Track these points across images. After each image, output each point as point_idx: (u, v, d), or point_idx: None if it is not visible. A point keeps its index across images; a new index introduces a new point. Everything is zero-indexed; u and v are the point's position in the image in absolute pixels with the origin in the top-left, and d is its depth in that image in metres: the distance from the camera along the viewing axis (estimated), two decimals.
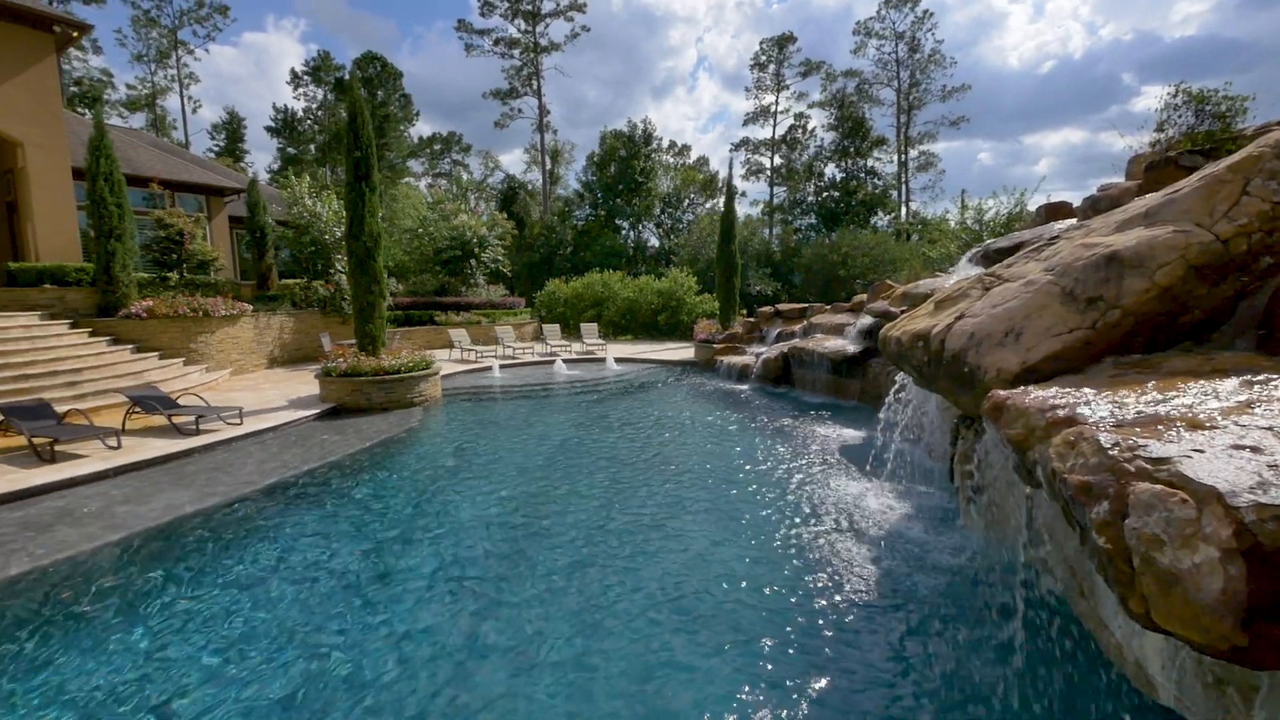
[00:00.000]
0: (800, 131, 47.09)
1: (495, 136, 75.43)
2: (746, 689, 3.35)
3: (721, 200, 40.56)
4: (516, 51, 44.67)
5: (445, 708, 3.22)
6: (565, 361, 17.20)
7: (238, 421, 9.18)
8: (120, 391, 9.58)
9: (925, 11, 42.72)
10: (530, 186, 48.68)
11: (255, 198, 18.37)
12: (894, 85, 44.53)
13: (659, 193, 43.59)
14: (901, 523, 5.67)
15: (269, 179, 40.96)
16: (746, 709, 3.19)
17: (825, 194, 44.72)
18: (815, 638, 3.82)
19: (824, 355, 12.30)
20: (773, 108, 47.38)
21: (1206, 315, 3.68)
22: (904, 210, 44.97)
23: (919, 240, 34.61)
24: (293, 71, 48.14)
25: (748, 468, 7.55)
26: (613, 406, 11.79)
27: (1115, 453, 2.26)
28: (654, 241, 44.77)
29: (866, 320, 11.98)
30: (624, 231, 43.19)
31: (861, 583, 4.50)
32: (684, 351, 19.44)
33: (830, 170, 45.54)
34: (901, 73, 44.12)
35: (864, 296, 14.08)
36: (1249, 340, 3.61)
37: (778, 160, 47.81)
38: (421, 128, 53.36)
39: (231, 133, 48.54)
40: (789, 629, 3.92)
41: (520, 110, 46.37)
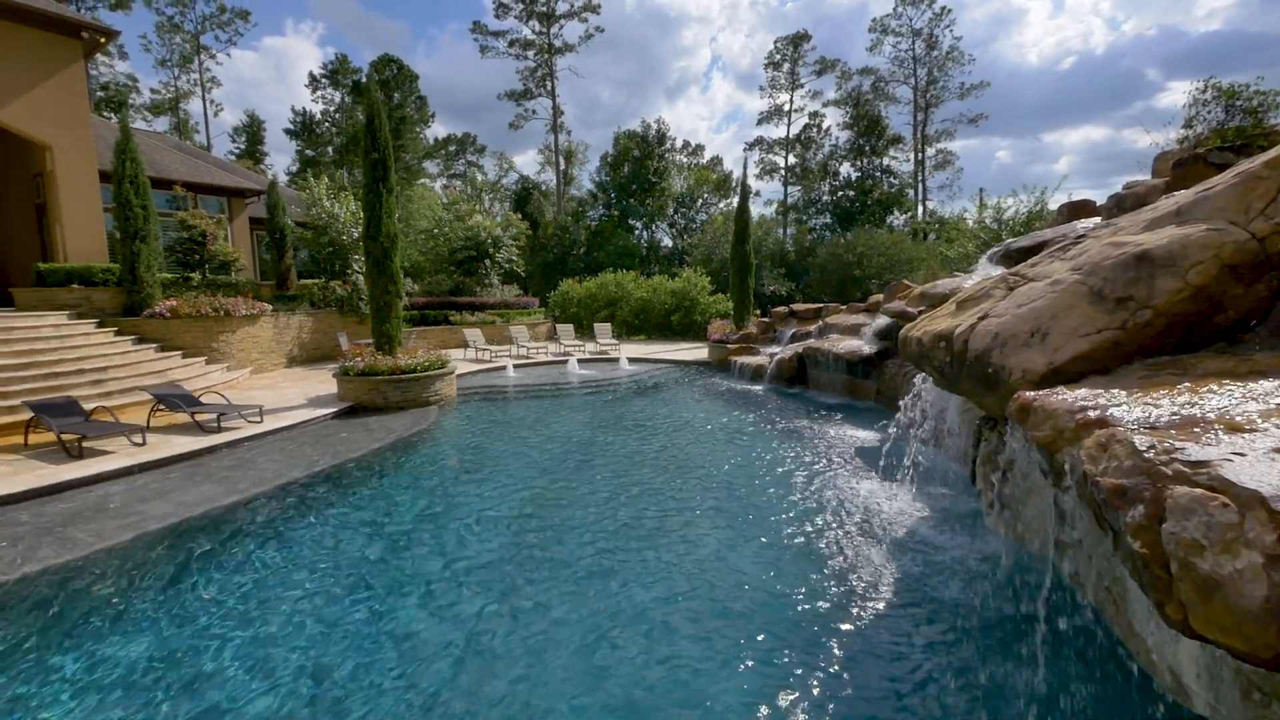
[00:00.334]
0: (815, 130, 46.77)
1: (509, 137, 75.98)
2: (759, 692, 3.31)
3: (735, 200, 40.56)
4: (531, 53, 44.89)
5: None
6: (579, 361, 17.24)
7: (258, 419, 9.32)
8: (145, 389, 9.77)
9: (943, 8, 42.20)
10: (544, 187, 48.90)
11: (275, 199, 18.66)
12: (910, 83, 44.04)
13: (672, 193, 43.57)
14: (920, 525, 5.59)
15: (288, 181, 41.61)
16: (758, 712, 3.16)
17: (840, 193, 44.36)
18: (832, 642, 3.76)
19: (839, 356, 12.19)
20: (787, 107, 47.13)
21: (1241, 315, 3.58)
22: (920, 209, 44.46)
23: (936, 240, 34.21)
24: (311, 75, 48.87)
25: (763, 469, 7.51)
26: (627, 406, 11.79)
27: (1151, 455, 2.21)
28: (667, 241, 44.75)
29: (883, 320, 11.85)
30: (637, 232, 43.22)
31: (880, 586, 4.45)
32: (698, 352, 19.39)
33: (845, 169, 45.19)
34: (918, 70, 43.63)
35: (880, 297, 13.93)
36: None
37: (792, 159, 47.55)
38: (436, 129, 53.98)
39: (251, 135, 49.36)
40: (805, 632, 3.87)
41: (534, 111, 46.62)
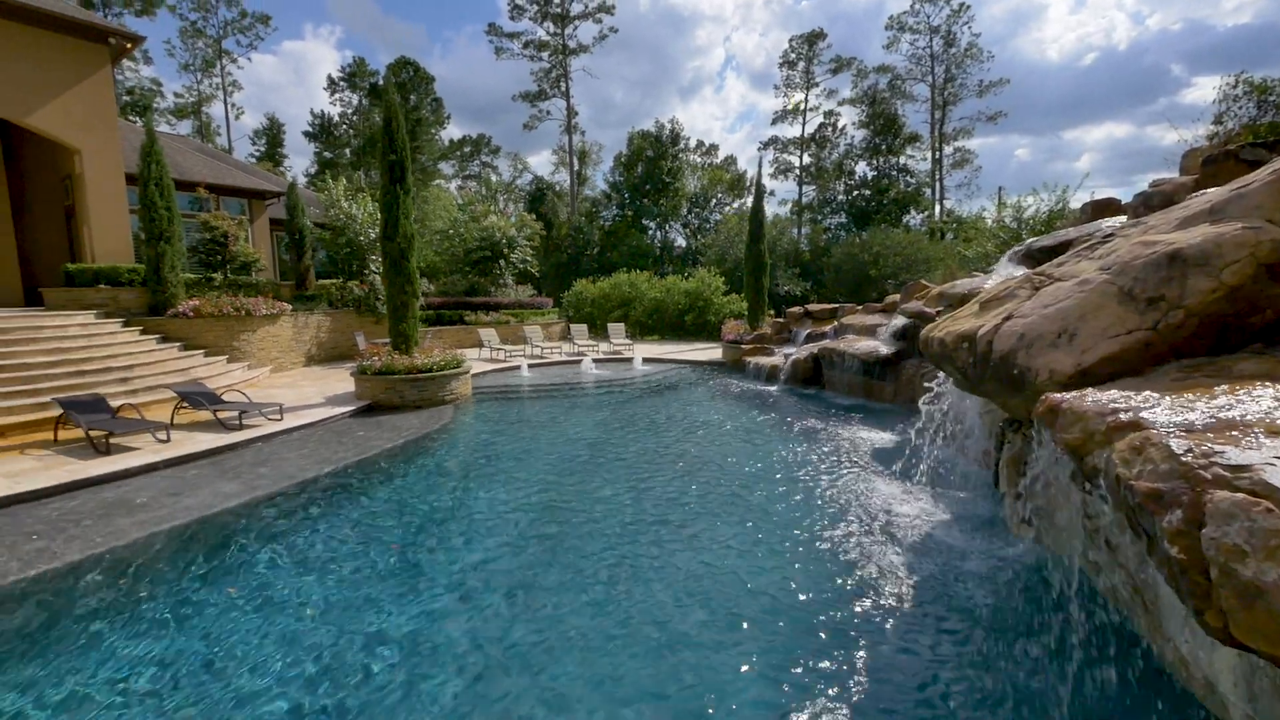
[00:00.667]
0: (830, 129, 46.40)
1: (524, 138, 76.47)
2: (775, 697, 3.28)
3: (749, 200, 40.39)
4: (545, 54, 45.09)
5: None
6: (593, 361, 17.26)
7: (278, 417, 9.46)
8: (169, 387, 9.96)
9: (961, 4, 41.60)
10: (558, 187, 49.08)
11: (294, 201, 18.93)
12: (928, 81, 43.51)
13: (686, 193, 43.51)
14: (939, 528, 5.52)
15: (307, 182, 42.20)
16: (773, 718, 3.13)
17: (856, 192, 43.97)
18: (850, 647, 3.71)
19: (856, 356, 12.08)
20: (802, 106, 46.80)
21: (1279, 316, 3.48)
22: (938, 208, 43.92)
23: (953, 239, 33.76)
24: (329, 78, 49.56)
25: (779, 470, 7.46)
26: (640, 406, 11.78)
27: (1188, 459, 2.15)
28: (681, 241, 44.71)
29: (900, 321, 11.72)
30: (651, 231, 43.23)
31: (900, 591, 4.38)
32: (711, 352, 19.32)
33: (861, 168, 44.78)
34: (936, 68, 43.08)
35: (897, 297, 13.78)
36: None
37: (807, 159, 47.20)
38: (452, 130, 54.25)
39: (271, 138, 50.17)
40: (822, 637, 3.82)
41: (548, 112, 46.81)
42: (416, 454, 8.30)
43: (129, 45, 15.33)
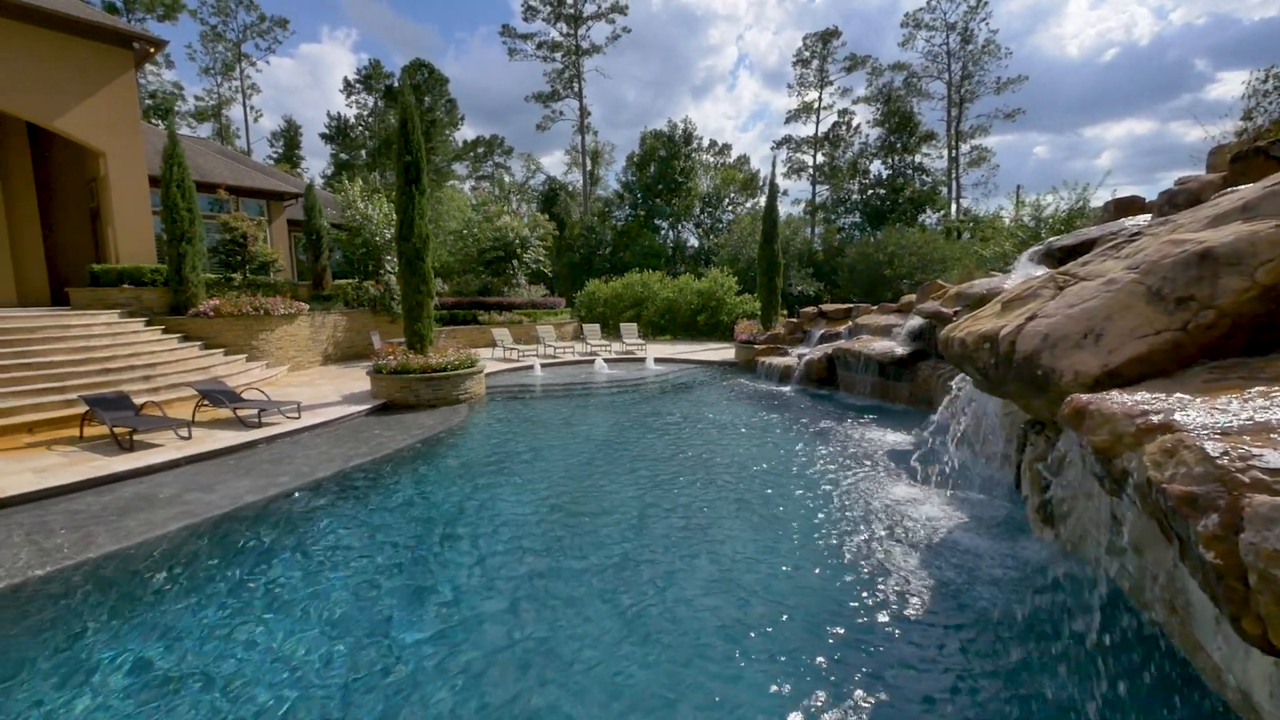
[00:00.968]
0: (844, 128, 46.06)
1: (536, 139, 76.89)
2: (790, 704, 3.26)
3: (762, 199, 40.21)
4: (558, 55, 45.27)
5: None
6: (605, 361, 17.28)
7: (296, 416, 9.58)
8: (190, 385, 10.14)
9: (979, 0, 41.08)
10: (570, 188, 49.25)
11: (311, 202, 19.17)
12: (944, 78, 43.01)
13: (698, 192, 43.43)
14: (957, 531, 5.44)
15: (323, 184, 42.75)
16: None
17: (870, 192, 43.60)
18: (868, 653, 3.65)
19: (871, 357, 11.97)
20: (816, 104, 46.50)
21: None
22: (954, 207, 43.40)
23: (970, 239, 33.34)
24: (345, 80, 50.15)
25: (793, 471, 7.40)
26: (653, 406, 11.77)
27: (1224, 462, 2.09)
28: (693, 241, 44.64)
29: (916, 321, 11.59)
30: (663, 231, 43.22)
31: (918, 596, 4.32)
32: (724, 352, 19.26)
33: (876, 167, 44.39)
34: (953, 65, 42.59)
35: (912, 297, 13.63)
36: None
37: (820, 158, 46.89)
38: (465, 131, 54.54)
39: (289, 140, 50.87)
40: (837, 642, 3.78)
41: (561, 112, 47.00)
42: (433, 452, 8.36)
43: (152, 50, 15.62)
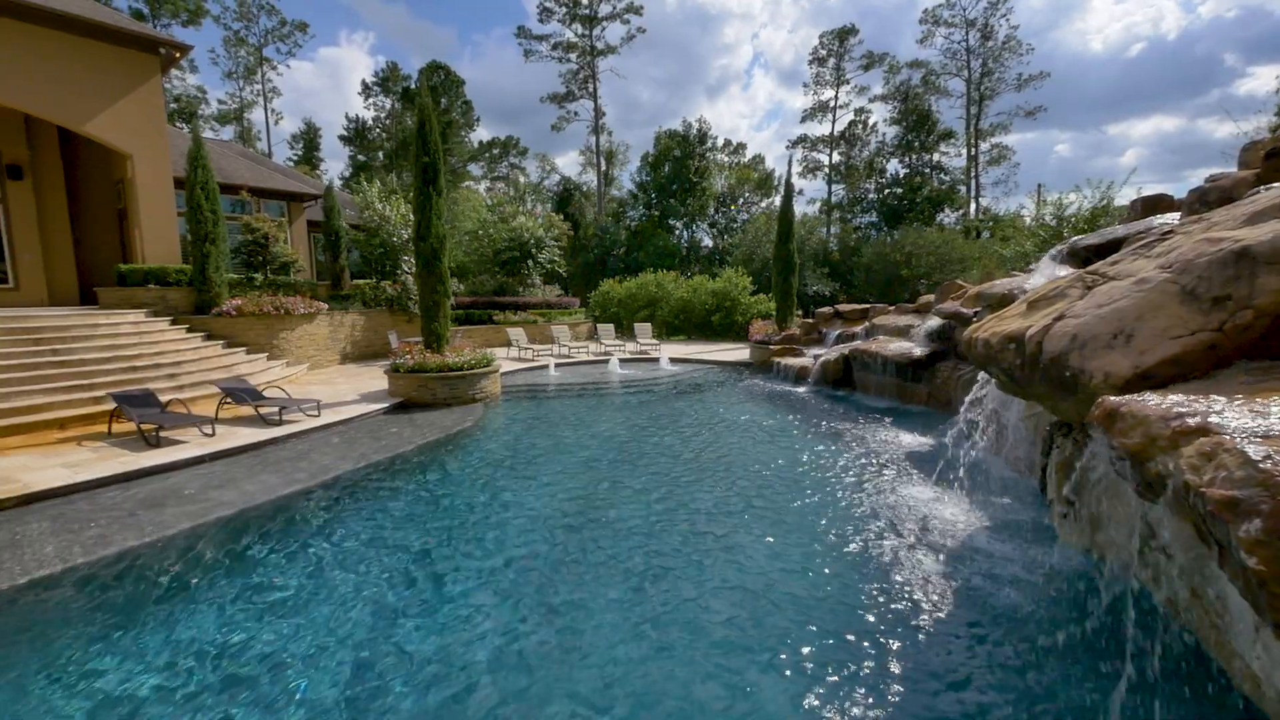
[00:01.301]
0: (861, 127, 45.59)
1: (551, 139, 77.08)
2: (804, 704, 3.22)
3: (776, 199, 39.92)
4: (573, 55, 45.40)
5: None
6: (620, 361, 17.28)
7: (316, 414, 9.72)
8: (213, 383, 10.33)
9: None
10: (585, 188, 49.36)
11: (330, 203, 19.44)
12: (964, 75, 42.40)
13: (713, 192, 43.26)
14: (979, 535, 5.35)
15: (342, 185, 43.33)
16: None
17: (887, 191, 43.09)
18: (885, 658, 3.61)
19: (888, 358, 11.83)
20: (832, 103, 46.11)
21: None
22: (974, 206, 42.76)
23: (990, 238, 32.84)
24: (363, 83, 50.86)
25: (810, 473, 7.34)
26: (668, 406, 11.75)
27: (1267, 465, 2.03)
28: (708, 241, 44.50)
29: (934, 322, 11.44)
30: (678, 232, 43.13)
31: (939, 600, 4.26)
32: (739, 352, 19.18)
33: (893, 166, 43.88)
34: (972, 62, 41.95)
35: (930, 297, 13.45)
36: None
37: (836, 157, 46.48)
38: (481, 132, 54.94)
39: (308, 142, 51.70)
40: (856, 647, 3.73)
41: (576, 113, 47.12)
42: (450, 450, 8.43)
43: (177, 54, 15.96)
